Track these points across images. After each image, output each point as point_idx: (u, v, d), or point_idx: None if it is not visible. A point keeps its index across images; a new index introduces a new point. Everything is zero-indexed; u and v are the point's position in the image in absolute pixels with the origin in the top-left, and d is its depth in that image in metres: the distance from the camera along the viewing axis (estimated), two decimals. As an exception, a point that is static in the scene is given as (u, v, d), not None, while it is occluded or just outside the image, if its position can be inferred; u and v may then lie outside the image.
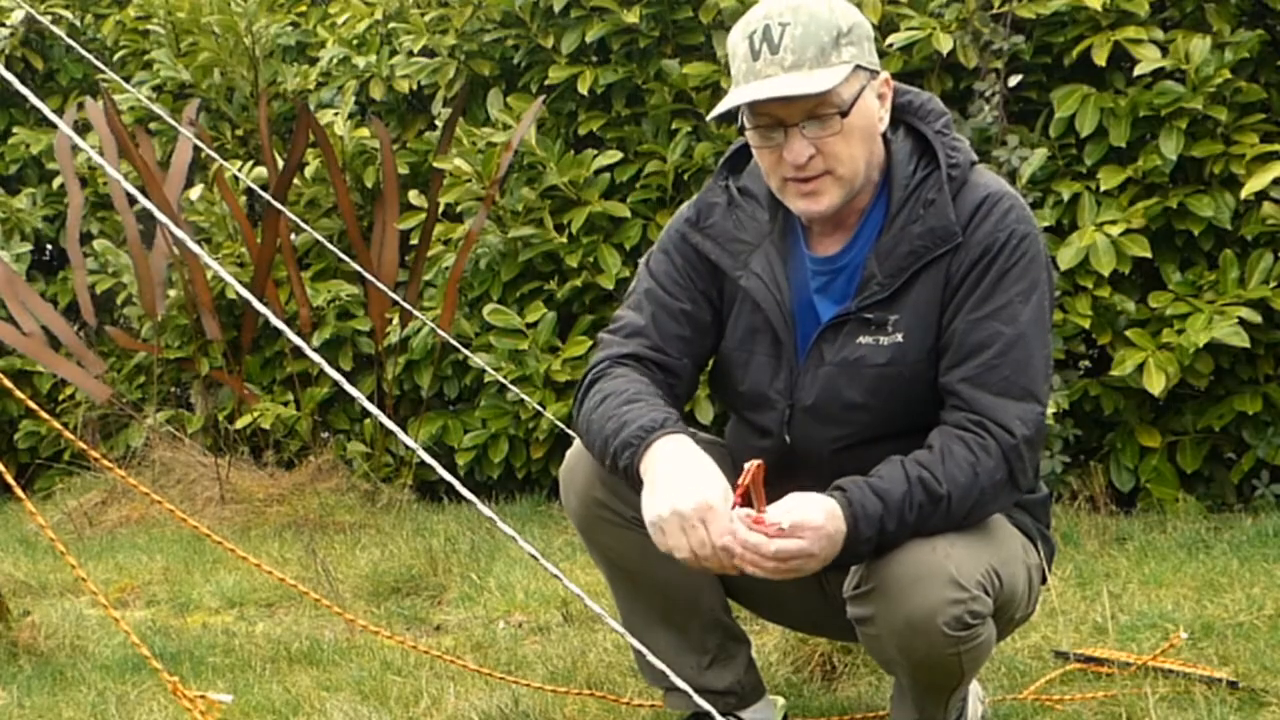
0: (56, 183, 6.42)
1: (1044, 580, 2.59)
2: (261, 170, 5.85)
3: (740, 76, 2.36)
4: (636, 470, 2.36)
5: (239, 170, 5.67)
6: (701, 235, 2.55)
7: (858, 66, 2.34)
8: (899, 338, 2.42)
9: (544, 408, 5.04)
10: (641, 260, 2.65)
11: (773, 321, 2.49)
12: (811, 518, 2.24)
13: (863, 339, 2.44)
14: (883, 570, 2.32)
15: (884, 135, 2.45)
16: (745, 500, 2.25)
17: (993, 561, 2.37)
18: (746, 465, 2.23)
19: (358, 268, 5.03)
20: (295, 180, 5.72)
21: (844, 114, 2.33)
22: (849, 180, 2.39)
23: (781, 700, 2.86)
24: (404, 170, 5.72)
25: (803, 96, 2.30)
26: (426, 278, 5.55)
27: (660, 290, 2.56)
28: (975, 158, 2.49)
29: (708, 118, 2.44)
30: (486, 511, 2.33)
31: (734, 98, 2.36)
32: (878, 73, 2.40)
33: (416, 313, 5.10)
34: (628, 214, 5.23)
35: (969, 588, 2.31)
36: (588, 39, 5.23)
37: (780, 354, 2.50)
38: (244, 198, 5.90)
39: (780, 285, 2.49)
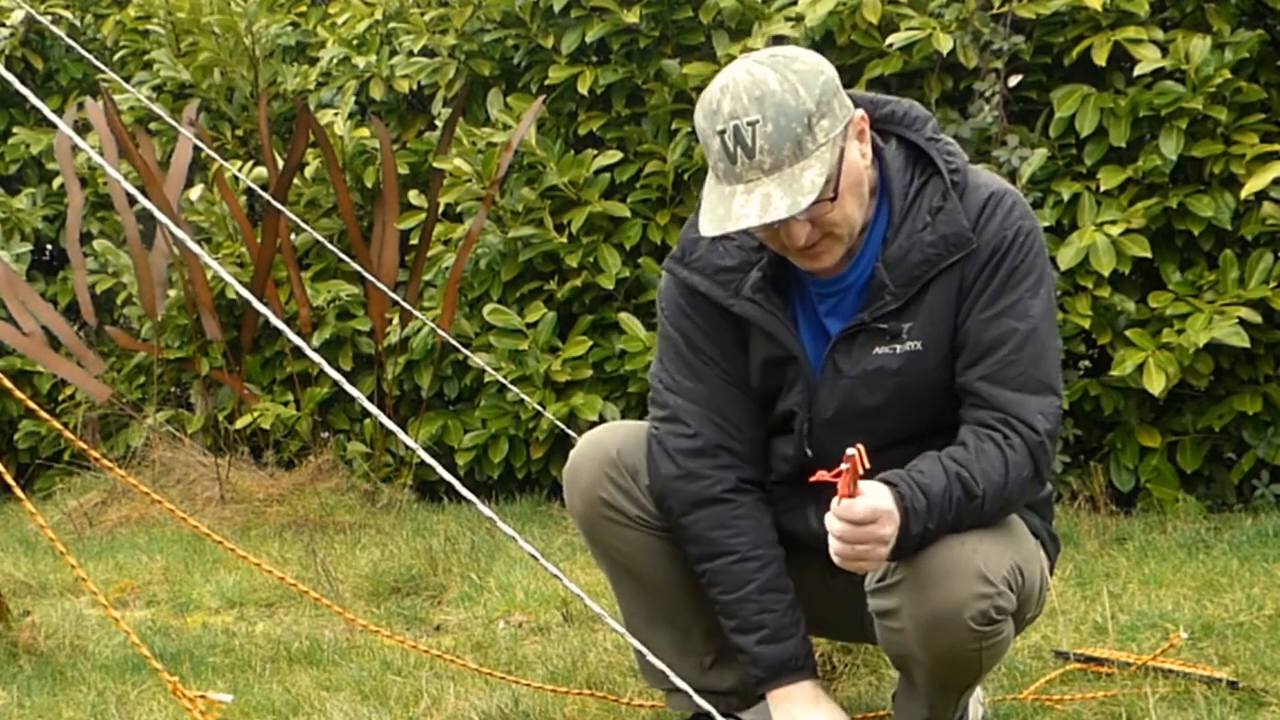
0: (56, 183, 6.42)
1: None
2: (261, 170, 5.85)
3: (720, 174, 2.34)
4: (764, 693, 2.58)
5: (239, 170, 5.67)
6: (689, 270, 2.55)
7: (834, 138, 2.32)
8: (916, 345, 2.43)
9: (544, 408, 5.04)
10: (660, 320, 2.64)
11: (777, 337, 2.50)
12: (885, 503, 2.24)
13: (878, 349, 2.45)
14: (910, 563, 2.33)
15: (875, 149, 2.45)
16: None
17: (1016, 559, 2.40)
18: (849, 451, 2.19)
19: (358, 268, 5.04)
20: (295, 180, 5.72)
21: (833, 196, 2.33)
22: (848, 236, 2.40)
23: (782, 700, 2.86)
24: (404, 170, 5.72)
25: (792, 217, 2.30)
26: (426, 278, 5.55)
27: (698, 361, 2.55)
28: (966, 157, 2.50)
29: (704, 233, 2.41)
30: (486, 511, 2.34)
31: (724, 214, 2.32)
32: (851, 117, 2.37)
33: (416, 313, 5.10)
34: (628, 214, 5.23)
35: (995, 583, 2.33)
36: (588, 39, 5.23)
37: (794, 370, 2.51)
38: (244, 198, 5.90)
39: (776, 304, 2.49)
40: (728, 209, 2.33)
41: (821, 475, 2.21)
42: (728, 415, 2.56)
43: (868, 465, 2.20)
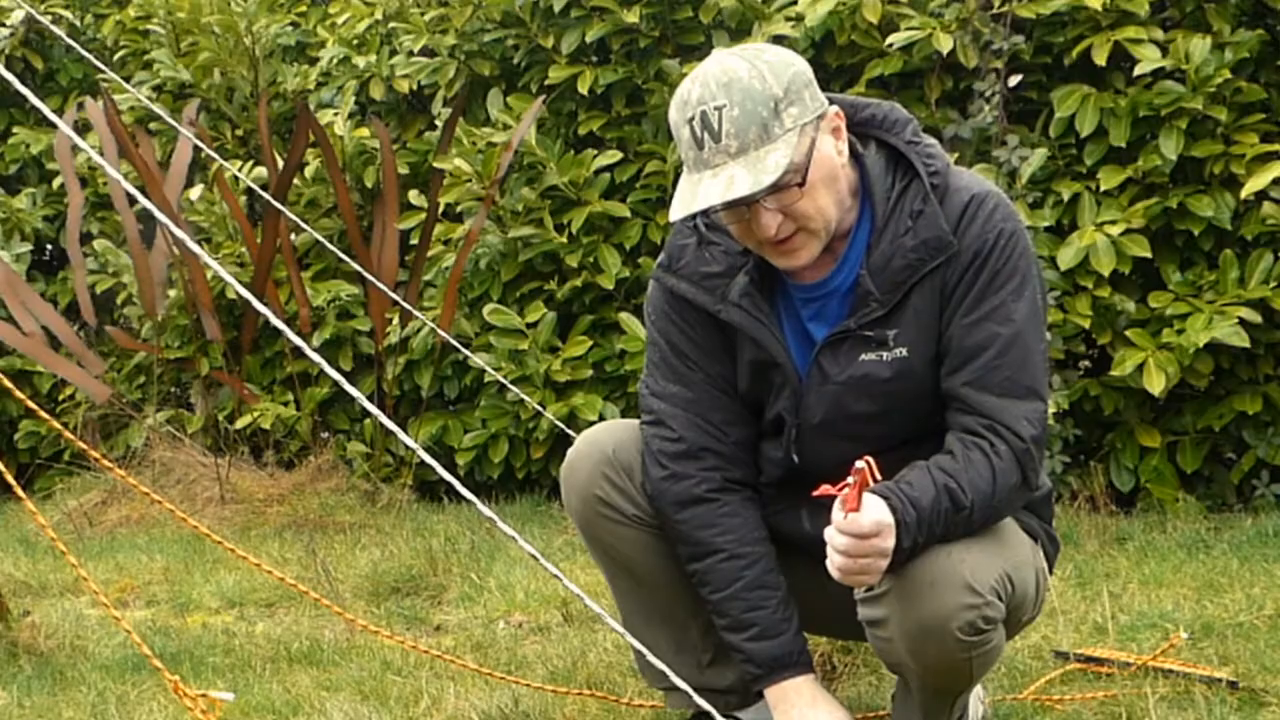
0: (56, 183, 6.42)
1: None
2: (261, 170, 5.85)
3: (690, 163, 2.36)
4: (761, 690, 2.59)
5: (239, 170, 5.67)
6: (676, 278, 2.55)
7: (803, 125, 2.33)
8: (902, 352, 2.43)
9: (544, 408, 5.04)
10: (647, 327, 2.65)
11: (764, 343, 2.50)
12: (886, 515, 2.24)
13: (865, 356, 2.45)
14: (897, 574, 2.32)
15: (855, 153, 2.45)
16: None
17: (1005, 566, 2.39)
18: (858, 464, 2.18)
19: (358, 268, 5.03)
20: (295, 180, 5.72)
21: (801, 183, 2.34)
22: (822, 230, 2.40)
23: (782, 700, 2.86)
24: (404, 170, 5.72)
25: (753, 195, 2.30)
26: (426, 278, 5.55)
27: (683, 366, 2.56)
28: (949, 159, 2.49)
29: (670, 219, 2.44)
30: (486, 511, 2.34)
31: (690, 199, 2.35)
32: (825, 112, 2.38)
33: (416, 313, 5.10)
34: (628, 214, 5.23)
35: (983, 593, 2.32)
36: (588, 39, 5.23)
37: (780, 376, 2.51)
38: (244, 198, 5.90)
39: (763, 309, 2.49)
40: (694, 193, 2.34)
41: (826, 489, 2.21)
42: (712, 419, 2.56)
43: (879, 478, 2.20)
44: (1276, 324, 4.49)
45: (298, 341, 2.41)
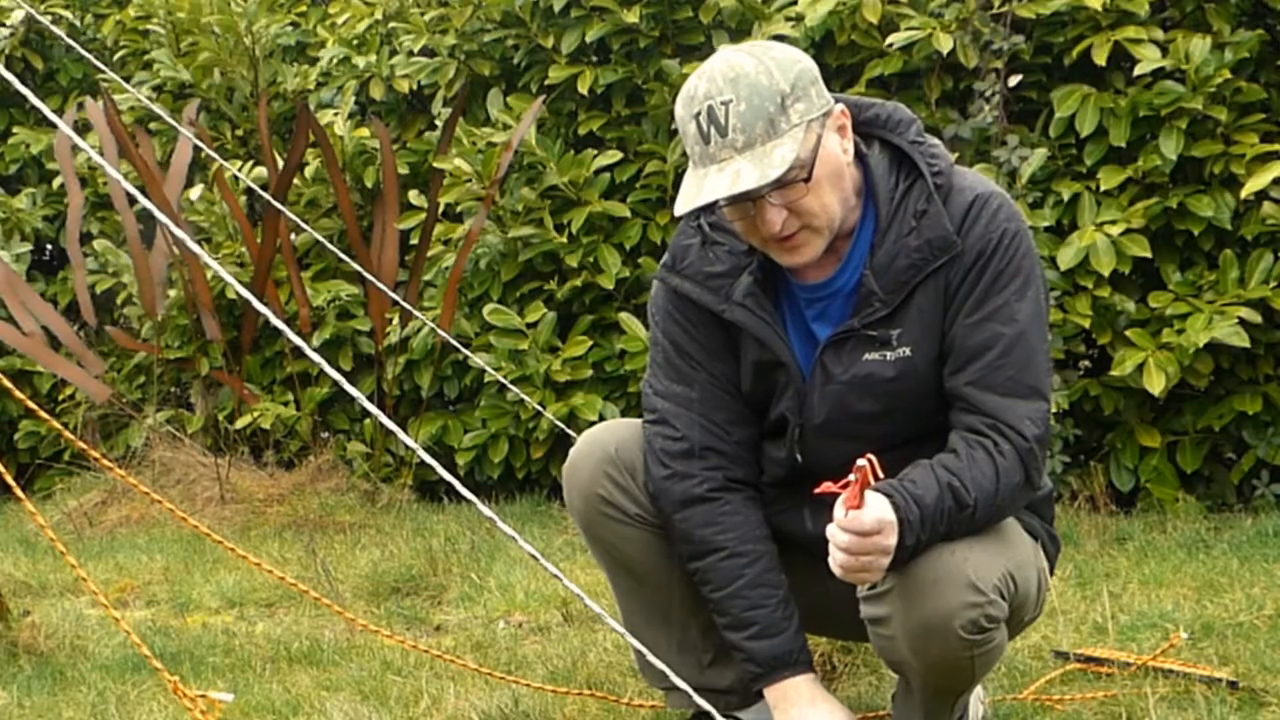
0: (56, 183, 6.42)
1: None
2: (261, 170, 5.85)
3: (696, 158, 2.36)
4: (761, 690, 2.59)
5: (239, 170, 5.67)
6: (680, 278, 2.56)
7: (810, 121, 2.34)
8: (905, 351, 2.43)
9: (544, 408, 5.04)
10: (650, 327, 2.66)
11: (768, 343, 2.50)
12: (888, 513, 2.24)
13: (869, 355, 2.45)
14: (900, 572, 2.32)
15: (859, 153, 2.46)
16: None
17: (1008, 565, 2.39)
18: (860, 462, 2.18)
19: (358, 268, 5.03)
20: (295, 180, 5.72)
21: (807, 179, 2.34)
22: (826, 227, 2.40)
23: (782, 700, 2.86)
24: (404, 170, 5.72)
25: (759, 189, 2.31)
26: (426, 278, 5.55)
27: (686, 366, 2.57)
28: (952, 159, 2.50)
29: (676, 213, 2.44)
30: (486, 511, 2.34)
31: (695, 193, 2.35)
32: (831, 109, 2.39)
33: (416, 313, 5.10)
34: (628, 214, 5.23)
35: (986, 592, 2.32)
36: (588, 39, 5.23)
37: (784, 375, 2.51)
38: (244, 198, 5.90)
39: (767, 309, 2.49)
40: (699, 187, 2.35)
41: (828, 487, 2.20)
42: (715, 418, 2.56)
43: (880, 476, 2.20)
44: (1276, 324, 4.49)
45: (298, 341, 2.41)
